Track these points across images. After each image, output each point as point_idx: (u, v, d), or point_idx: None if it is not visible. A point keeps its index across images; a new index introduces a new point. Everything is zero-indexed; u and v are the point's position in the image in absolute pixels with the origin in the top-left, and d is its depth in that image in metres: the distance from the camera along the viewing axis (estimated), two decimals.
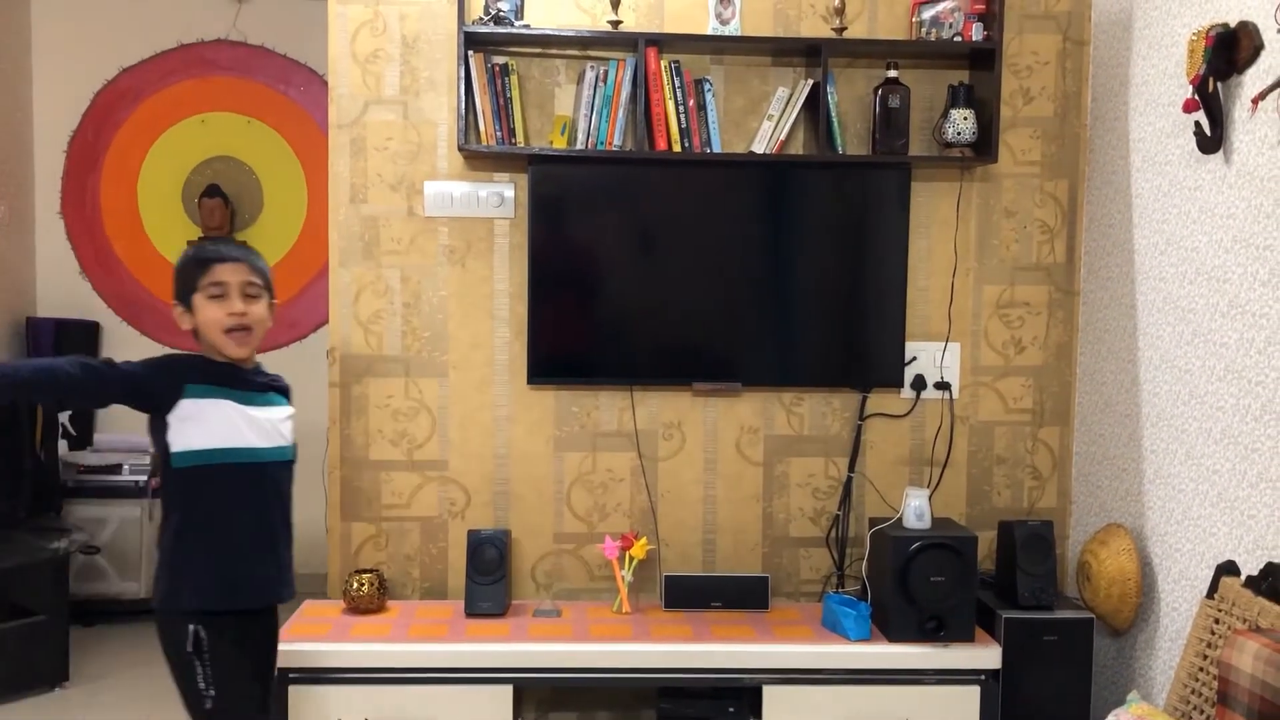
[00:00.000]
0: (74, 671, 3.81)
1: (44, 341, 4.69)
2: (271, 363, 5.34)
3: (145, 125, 4.91)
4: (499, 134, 2.96)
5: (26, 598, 3.69)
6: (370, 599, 2.94)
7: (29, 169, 4.85)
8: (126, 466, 4.53)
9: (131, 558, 4.48)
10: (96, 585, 4.45)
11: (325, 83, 3.12)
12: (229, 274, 2.19)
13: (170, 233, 4.95)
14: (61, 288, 4.89)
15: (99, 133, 4.89)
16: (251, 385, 2.26)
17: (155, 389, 2.17)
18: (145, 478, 4.51)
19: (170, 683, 2.22)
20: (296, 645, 2.71)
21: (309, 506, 4.11)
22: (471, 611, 2.92)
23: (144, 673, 3.93)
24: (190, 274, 2.21)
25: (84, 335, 4.84)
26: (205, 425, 2.16)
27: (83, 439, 4.74)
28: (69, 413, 4.70)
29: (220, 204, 4.85)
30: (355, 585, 2.95)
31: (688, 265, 3.07)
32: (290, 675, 2.68)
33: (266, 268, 2.28)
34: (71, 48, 4.86)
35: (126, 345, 4.94)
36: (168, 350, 4.86)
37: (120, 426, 4.86)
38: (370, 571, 2.98)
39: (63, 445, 4.59)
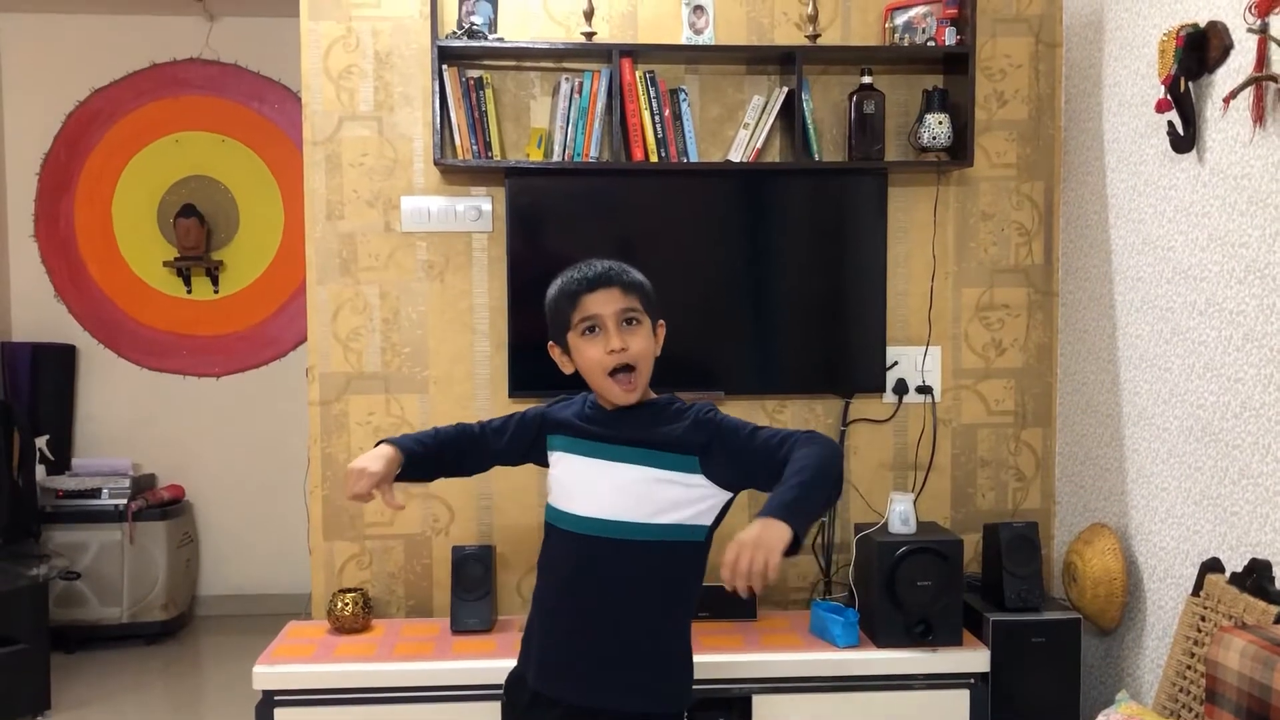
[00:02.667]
0: (56, 700, 3.76)
1: (20, 366, 4.65)
2: (252, 383, 5.43)
3: (118, 146, 4.89)
4: (475, 148, 2.94)
5: (6, 625, 3.64)
6: (355, 619, 2.91)
7: (1, 193, 4.81)
8: (106, 490, 4.49)
9: (113, 583, 4.45)
10: (77, 611, 4.42)
11: (299, 99, 3.10)
12: (600, 305, 1.86)
13: (145, 254, 4.92)
14: (36, 312, 4.86)
15: (71, 154, 4.86)
16: (610, 434, 1.89)
17: (517, 437, 2.04)
18: (125, 501, 4.47)
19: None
20: (281, 667, 2.68)
21: (292, 526, 4.12)
22: (457, 628, 2.89)
23: (128, 700, 3.90)
24: (561, 311, 1.90)
25: (60, 359, 4.81)
26: (554, 481, 1.97)
27: (61, 463, 4.71)
28: (46, 437, 4.66)
29: (196, 224, 4.82)
30: (339, 605, 2.92)
31: (667, 275, 2.94)
32: (275, 697, 2.65)
33: (643, 282, 1.93)
34: (42, 69, 4.83)
35: (103, 368, 4.92)
36: (146, 373, 4.87)
37: (99, 450, 4.84)
38: (354, 591, 2.95)
39: (40, 470, 4.55)
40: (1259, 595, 2.21)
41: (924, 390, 3.18)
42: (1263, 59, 2.23)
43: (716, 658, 2.73)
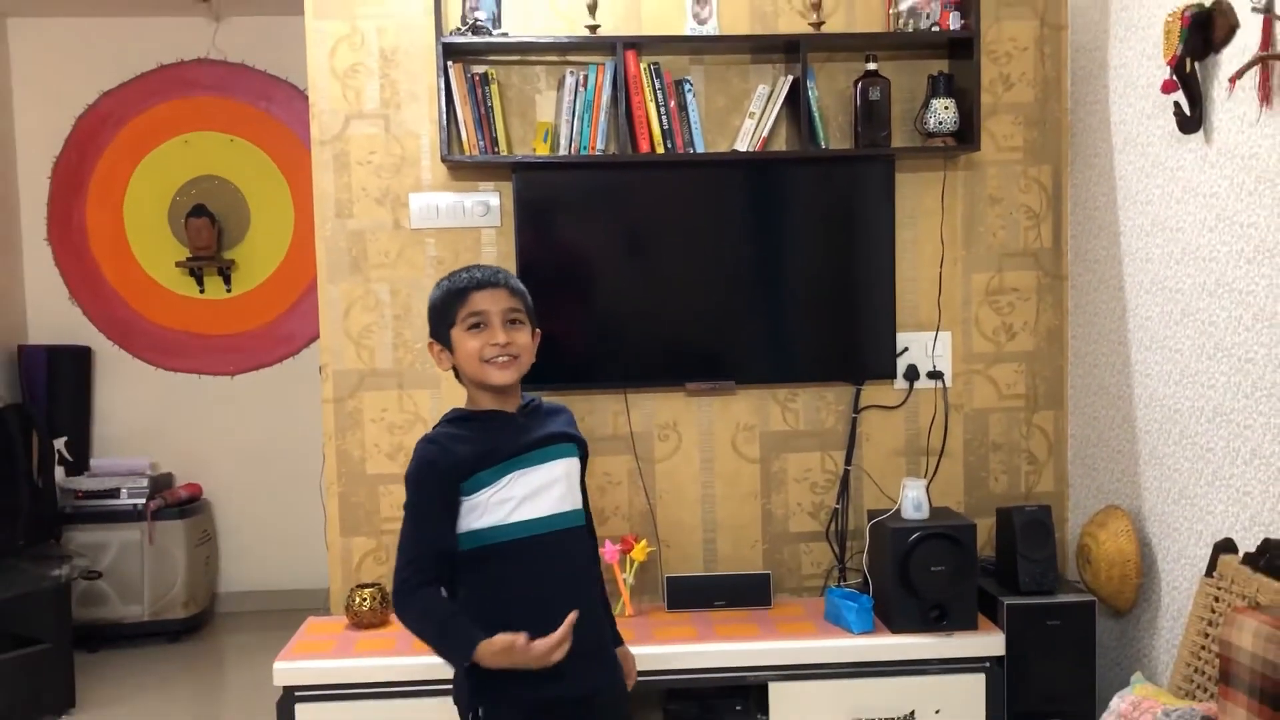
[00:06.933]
0: (80, 699, 3.79)
1: (36, 369, 4.67)
2: (267, 380, 5.42)
3: (128, 148, 4.89)
4: (481, 143, 2.95)
5: (29, 626, 3.67)
6: (373, 613, 2.94)
7: (14, 197, 4.83)
8: (124, 490, 4.52)
9: (133, 581, 4.48)
10: (99, 610, 4.44)
11: (306, 98, 3.12)
12: (488, 301, 1.97)
13: (158, 255, 4.93)
14: (51, 314, 4.87)
15: (83, 158, 4.87)
16: (525, 440, 1.98)
17: (447, 518, 1.92)
18: (143, 500, 4.50)
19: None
20: (301, 663, 2.72)
21: (309, 523, 4.14)
22: None
23: (150, 697, 3.93)
24: (447, 307, 1.98)
25: (76, 361, 4.82)
26: (497, 503, 1.92)
27: (79, 464, 4.73)
28: (64, 439, 4.70)
29: (207, 223, 4.83)
30: (358, 600, 2.94)
31: (676, 266, 3.07)
32: (296, 693, 2.68)
33: (526, 292, 2.05)
34: (51, 73, 4.84)
35: (119, 369, 4.94)
36: (161, 372, 4.88)
37: (116, 450, 4.87)
38: (372, 586, 2.97)
39: (59, 471, 4.58)
40: (1272, 575, 2.21)
41: (935, 375, 3.18)
42: (1269, 38, 2.22)
43: (732, 646, 2.76)
